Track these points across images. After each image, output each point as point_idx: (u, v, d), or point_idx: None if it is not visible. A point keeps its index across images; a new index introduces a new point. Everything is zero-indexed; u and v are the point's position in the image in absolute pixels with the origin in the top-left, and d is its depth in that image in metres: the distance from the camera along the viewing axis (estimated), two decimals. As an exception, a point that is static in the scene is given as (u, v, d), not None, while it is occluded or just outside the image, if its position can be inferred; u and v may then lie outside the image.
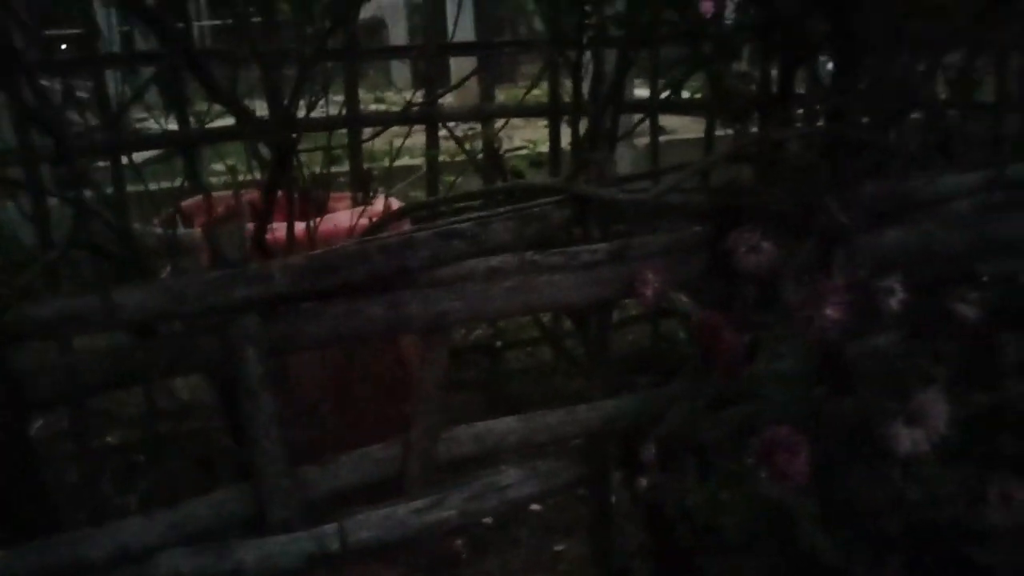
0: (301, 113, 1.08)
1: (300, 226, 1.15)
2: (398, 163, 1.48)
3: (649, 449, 0.85)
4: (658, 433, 0.97)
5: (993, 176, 1.22)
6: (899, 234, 1.11)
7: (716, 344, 0.89)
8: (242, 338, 0.85)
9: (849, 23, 1.02)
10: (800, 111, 1.27)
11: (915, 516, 0.88)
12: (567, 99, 1.57)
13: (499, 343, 1.84)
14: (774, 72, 1.12)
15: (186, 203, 1.39)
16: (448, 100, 2.39)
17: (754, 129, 1.14)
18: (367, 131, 1.54)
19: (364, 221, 1.22)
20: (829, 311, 0.75)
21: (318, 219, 1.19)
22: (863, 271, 0.79)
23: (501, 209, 0.97)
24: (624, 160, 2.87)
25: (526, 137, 1.90)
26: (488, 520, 1.37)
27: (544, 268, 0.99)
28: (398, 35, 6.66)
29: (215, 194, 1.37)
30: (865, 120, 1.00)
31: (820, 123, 1.16)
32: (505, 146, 1.54)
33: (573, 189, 0.97)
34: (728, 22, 1.03)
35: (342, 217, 1.27)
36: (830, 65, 1.16)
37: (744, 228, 0.85)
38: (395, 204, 1.37)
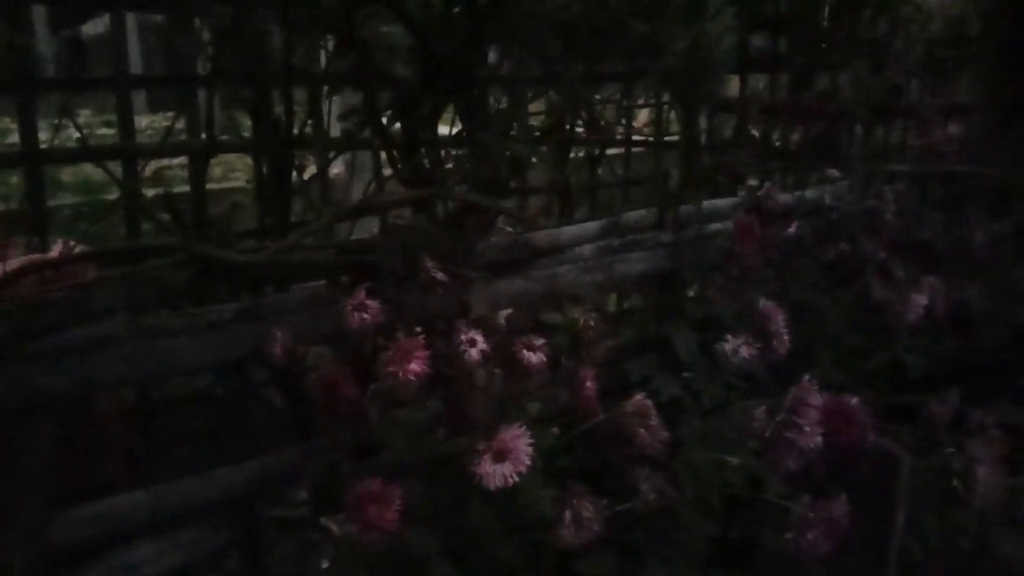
0: None
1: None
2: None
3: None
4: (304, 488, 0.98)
5: (609, 224, 1.41)
6: (524, 281, 1.24)
7: (335, 399, 0.91)
8: None
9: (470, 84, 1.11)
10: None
11: (526, 539, 0.97)
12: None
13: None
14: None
15: None
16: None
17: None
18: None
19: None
20: (413, 366, 0.81)
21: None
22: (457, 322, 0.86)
23: (110, 273, 0.92)
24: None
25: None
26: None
27: (164, 332, 0.95)
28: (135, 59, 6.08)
29: None
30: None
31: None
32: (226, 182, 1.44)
33: (190, 248, 0.94)
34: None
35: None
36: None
37: (357, 286, 0.89)
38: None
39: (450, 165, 1.17)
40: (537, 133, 1.27)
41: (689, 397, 1.27)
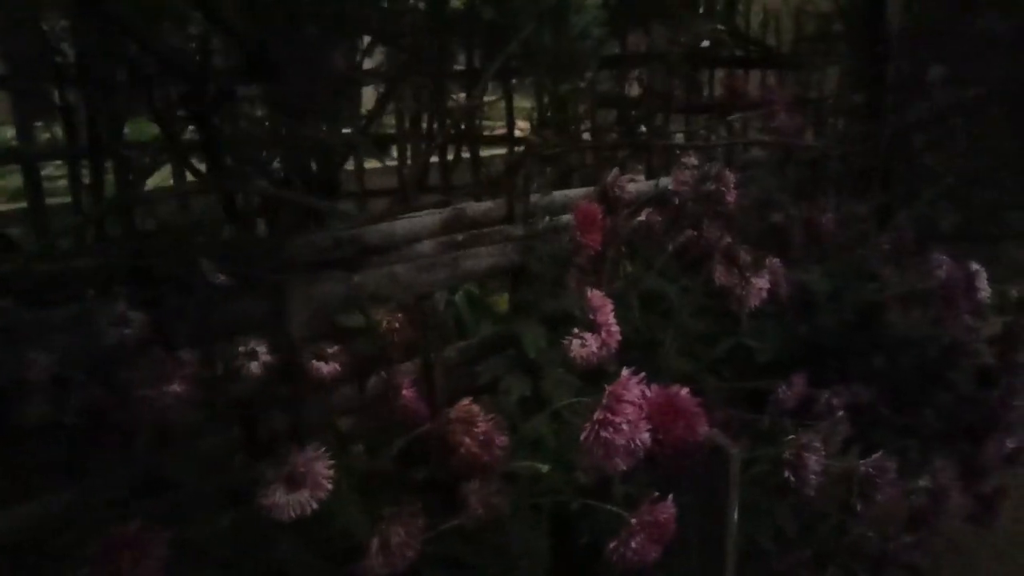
0: None
1: None
2: None
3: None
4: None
5: (451, 217, 1.32)
6: (361, 278, 1.14)
7: (105, 429, 0.79)
8: None
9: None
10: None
11: (342, 572, 0.87)
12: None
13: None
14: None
15: None
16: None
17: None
18: None
19: None
20: (175, 387, 0.69)
21: None
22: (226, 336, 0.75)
23: None
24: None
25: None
26: None
27: None
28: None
29: None
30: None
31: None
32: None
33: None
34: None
35: None
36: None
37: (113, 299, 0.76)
38: None
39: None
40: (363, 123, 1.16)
41: (542, 398, 1.20)
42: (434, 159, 1.78)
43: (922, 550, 1.18)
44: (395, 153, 1.61)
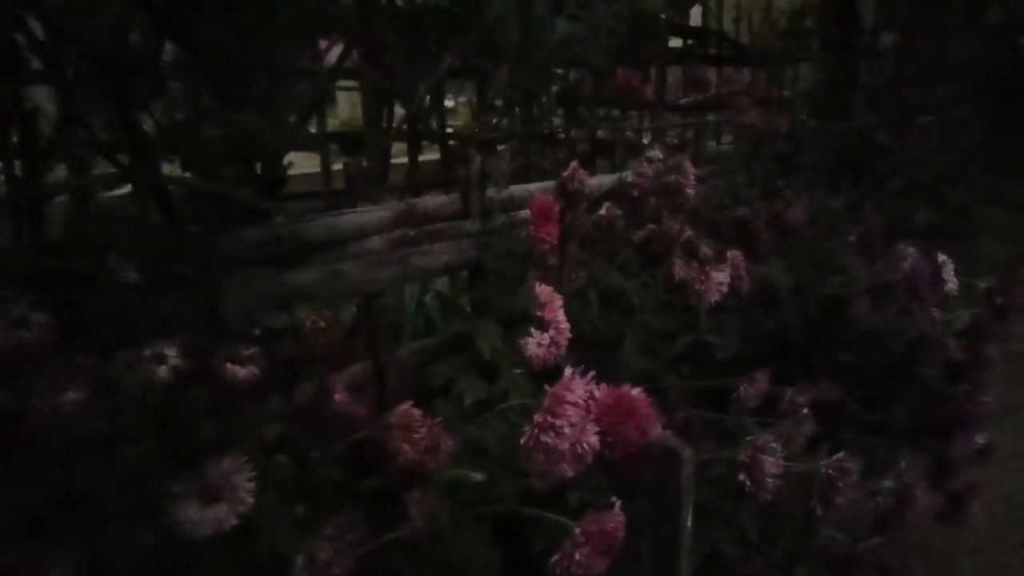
0: None
1: None
2: None
3: None
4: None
5: (403, 212, 1.27)
6: (303, 276, 1.08)
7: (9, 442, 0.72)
8: None
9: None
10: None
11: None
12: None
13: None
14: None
15: None
16: None
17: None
18: None
19: None
20: (71, 394, 0.63)
21: None
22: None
23: None
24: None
25: None
26: None
27: None
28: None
29: None
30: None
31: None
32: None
33: None
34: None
35: None
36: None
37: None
38: None
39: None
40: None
41: (498, 400, 1.15)
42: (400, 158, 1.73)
43: (892, 551, 1.14)
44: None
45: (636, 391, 0.82)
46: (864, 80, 3.67)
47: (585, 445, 0.75)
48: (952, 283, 1.12)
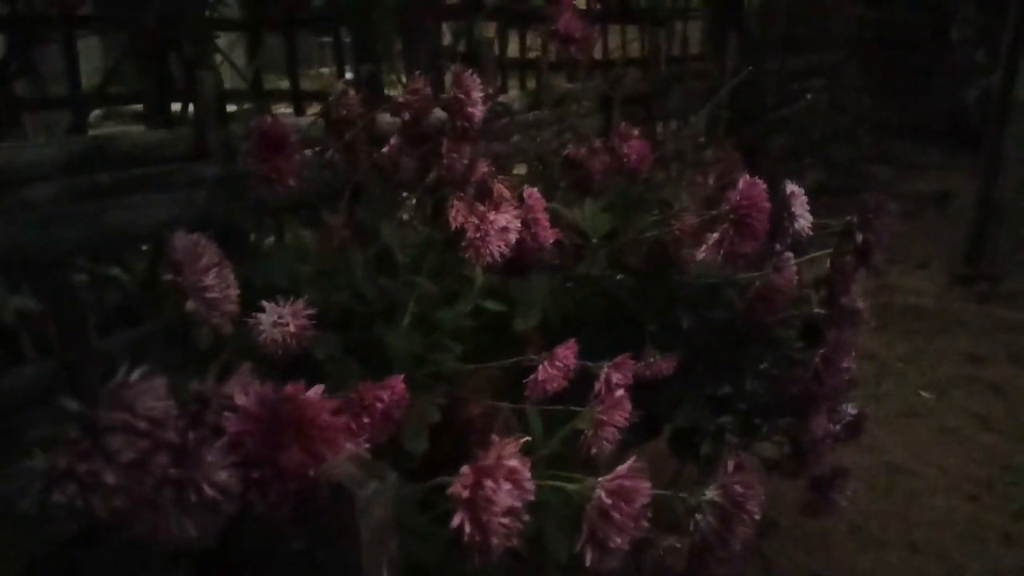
0: None
1: None
2: None
3: None
4: None
5: (87, 148, 0.93)
6: None
7: None
8: None
9: None
10: None
11: None
12: None
13: None
14: None
15: None
16: None
17: None
18: None
19: None
20: None
21: None
22: None
23: None
24: None
25: None
26: None
27: None
28: None
29: None
30: None
31: None
32: None
33: None
34: None
35: None
36: None
37: None
38: None
39: None
40: None
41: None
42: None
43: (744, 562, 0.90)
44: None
45: (314, 391, 0.52)
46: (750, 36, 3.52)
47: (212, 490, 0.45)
48: (805, 219, 0.88)
